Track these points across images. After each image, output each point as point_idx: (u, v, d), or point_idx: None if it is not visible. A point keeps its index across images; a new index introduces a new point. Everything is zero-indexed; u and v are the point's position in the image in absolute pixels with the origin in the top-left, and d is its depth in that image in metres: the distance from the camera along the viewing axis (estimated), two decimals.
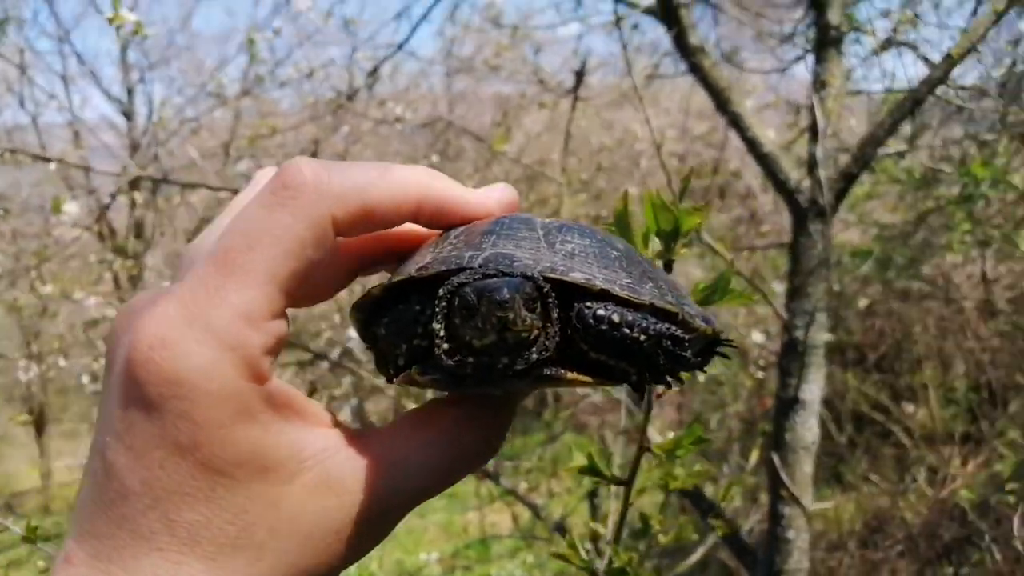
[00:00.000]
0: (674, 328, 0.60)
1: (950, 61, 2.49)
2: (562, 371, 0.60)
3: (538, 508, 3.65)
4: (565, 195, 3.70)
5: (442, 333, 0.59)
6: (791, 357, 2.83)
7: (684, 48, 2.74)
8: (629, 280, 0.63)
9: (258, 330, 0.55)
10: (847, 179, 2.61)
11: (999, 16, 2.44)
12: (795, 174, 2.74)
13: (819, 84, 2.76)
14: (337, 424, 0.61)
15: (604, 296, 0.60)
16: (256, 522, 0.55)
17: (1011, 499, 5.84)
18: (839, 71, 2.79)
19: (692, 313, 0.66)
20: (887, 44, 3.74)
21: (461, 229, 0.65)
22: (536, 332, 0.58)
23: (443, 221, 0.66)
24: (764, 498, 5.07)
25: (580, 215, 8.84)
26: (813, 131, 2.59)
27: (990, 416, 8.05)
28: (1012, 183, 4.77)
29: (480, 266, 0.59)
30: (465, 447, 0.62)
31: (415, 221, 0.64)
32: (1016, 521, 4.78)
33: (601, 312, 0.60)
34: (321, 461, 0.57)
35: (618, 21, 2.79)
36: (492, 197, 0.67)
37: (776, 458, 2.82)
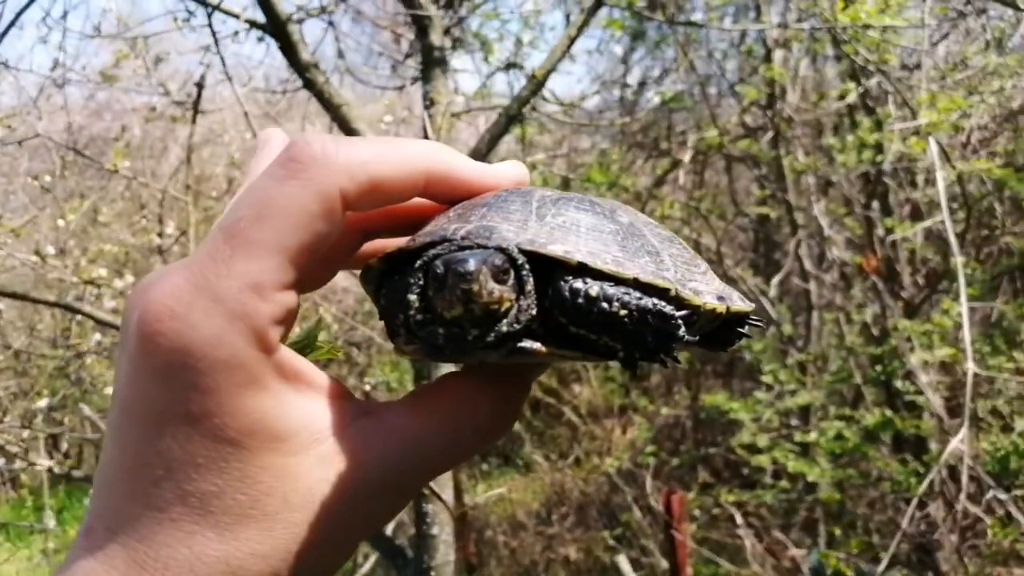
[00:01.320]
0: (661, 304, 0.59)
1: (535, 82, 2.78)
2: (536, 345, 0.59)
3: None
4: (192, 215, 3.52)
5: (416, 304, 0.58)
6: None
7: (296, 64, 2.75)
8: (620, 254, 0.61)
9: (266, 300, 0.54)
10: None
11: (572, 40, 2.77)
12: None
13: (428, 102, 2.92)
14: (349, 397, 0.60)
15: (583, 269, 0.59)
16: (269, 492, 0.54)
17: (650, 461, 6.66)
18: (445, 89, 2.97)
19: (699, 290, 0.64)
20: (509, 65, 4.09)
21: (464, 203, 0.65)
22: (508, 305, 0.57)
23: (451, 195, 0.66)
24: None
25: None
26: None
27: (640, 388, 9.02)
28: (624, 186, 5.47)
29: (462, 238, 0.59)
30: (478, 421, 0.61)
31: (424, 195, 0.64)
32: (648, 481, 5.49)
33: (577, 285, 0.59)
34: (334, 433, 0.57)
35: (215, 36, 2.72)
36: (500, 171, 0.67)
37: None
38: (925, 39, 4.05)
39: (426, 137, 2.74)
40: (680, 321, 0.59)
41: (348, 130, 2.78)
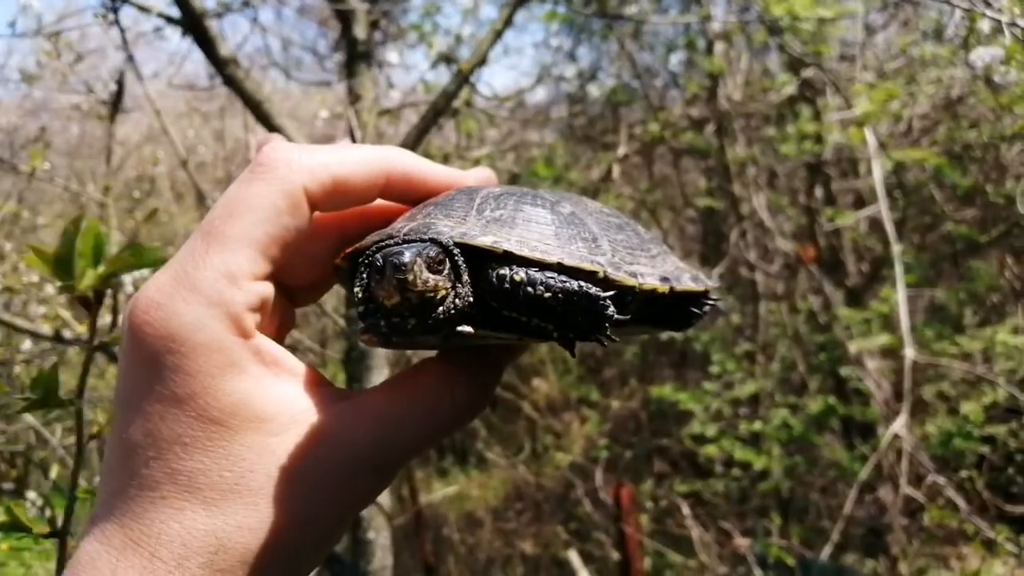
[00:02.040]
0: (588, 286, 0.61)
1: (461, 76, 2.73)
2: (468, 329, 0.62)
3: None
4: (112, 214, 3.42)
5: (360, 295, 0.62)
6: (351, 358, 2.90)
7: (214, 59, 2.66)
8: (551, 242, 0.64)
9: (240, 288, 0.59)
10: None
11: (498, 34, 2.73)
12: None
13: (353, 97, 2.85)
14: (327, 383, 0.63)
15: (509, 257, 0.62)
16: (253, 469, 0.58)
17: (603, 454, 6.67)
18: (371, 83, 2.91)
19: (636, 272, 0.66)
20: (446, 59, 4.03)
21: (421, 204, 0.69)
22: (443, 293, 0.61)
23: (413, 195, 0.70)
24: None
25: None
26: (352, 142, 2.67)
27: (596, 381, 9.04)
28: (570, 180, 5.45)
29: (405, 235, 0.63)
30: (449, 404, 0.63)
31: (386, 196, 0.68)
32: (599, 474, 5.49)
33: (503, 272, 0.62)
34: (312, 415, 0.60)
35: (122, 33, 2.62)
36: (460, 173, 0.71)
37: None
38: (860, 30, 4.08)
39: (352, 134, 2.68)
40: (608, 301, 0.61)
41: (270, 126, 2.71)
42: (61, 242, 0.80)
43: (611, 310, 0.61)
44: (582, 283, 0.62)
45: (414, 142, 2.66)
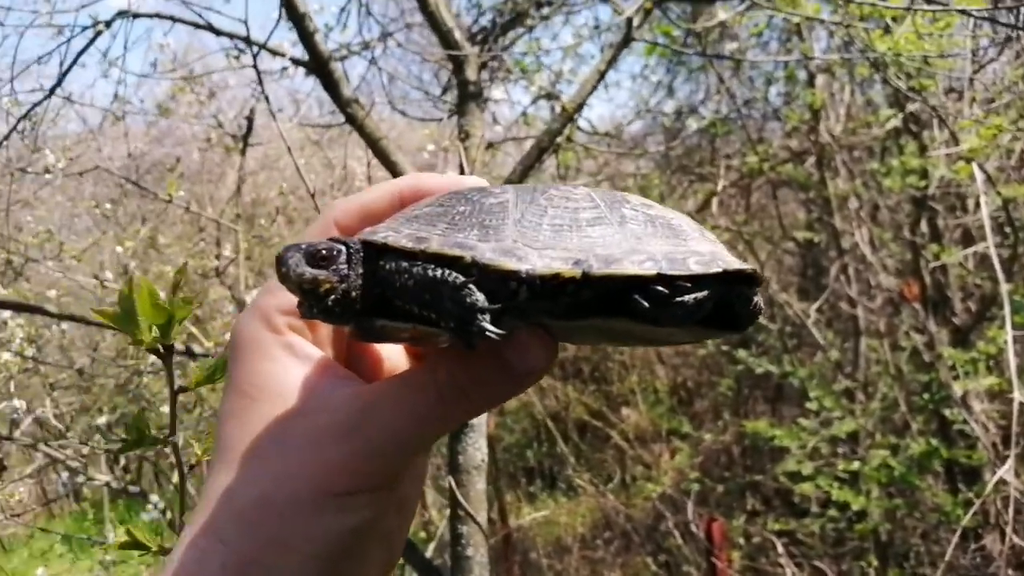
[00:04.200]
0: (450, 273, 0.62)
1: (566, 115, 2.86)
2: (375, 320, 0.67)
3: None
4: (243, 242, 3.68)
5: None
6: None
7: (338, 100, 2.88)
8: (429, 232, 0.66)
9: (273, 296, 0.73)
10: None
11: (602, 75, 2.85)
12: None
13: (463, 134, 3.02)
14: (340, 370, 0.73)
15: (387, 248, 0.66)
16: (269, 436, 0.68)
17: (694, 487, 6.61)
18: (480, 122, 3.07)
19: (524, 256, 0.63)
20: (545, 95, 4.18)
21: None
22: (327, 286, 0.66)
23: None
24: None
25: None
26: None
27: (687, 413, 8.94)
28: None
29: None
30: (431, 384, 0.67)
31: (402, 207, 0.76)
32: (690, 507, 5.45)
33: (383, 261, 0.66)
34: (316, 392, 0.69)
35: (259, 75, 2.87)
36: (456, 179, 0.77)
37: (452, 480, 2.99)
38: (967, 64, 4.02)
39: (462, 168, 2.84)
40: (470, 289, 0.61)
41: (387, 162, 2.90)
42: (119, 303, 0.91)
43: (474, 297, 0.61)
44: (446, 270, 0.62)
45: (519, 178, 2.80)
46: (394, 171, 2.87)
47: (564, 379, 9.67)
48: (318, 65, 2.85)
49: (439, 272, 0.62)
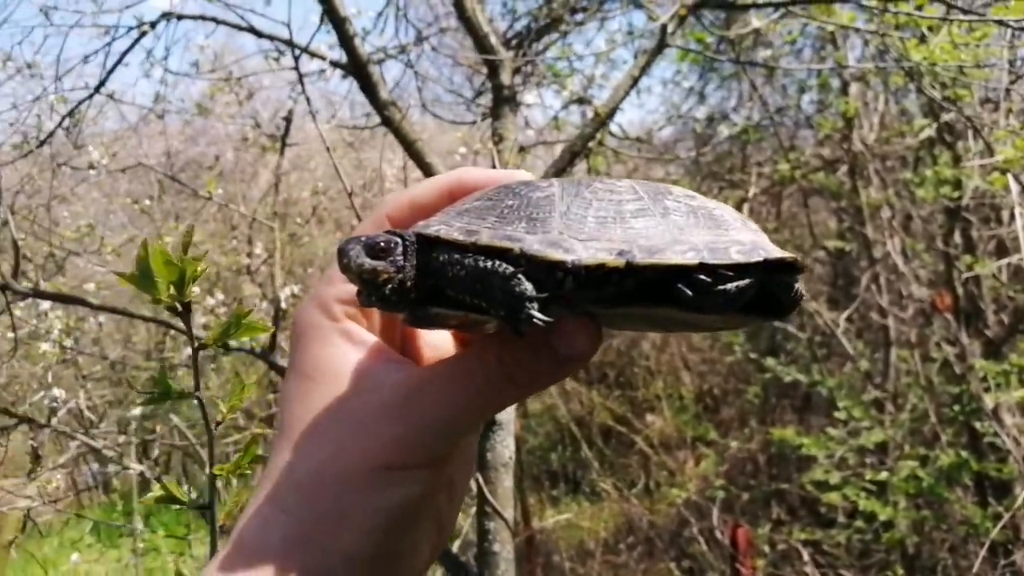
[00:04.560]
0: (498, 264, 0.65)
1: (598, 120, 2.89)
2: (428, 307, 0.71)
3: None
4: (280, 240, 3.75)
5: None
6: None
7: (375, 102, 2.93)
8: (479, 225, 0.68)
9: (332, 286, 0.76)
10: None
11: (635, 80, 2.87)
12: None
13: (497, 138, 3.06)
14: (392, 355, 0.77)
15: (439, 241, 0.69)
16: (327, 414, 0.72)
17: (719, 494, 6.59)
18: (513, 126, 3.11)
19: (570, 248, 0.66)
20: (577, 100, 4.21)
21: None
22: (385, 276, 0.68)
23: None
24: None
25: (333, 252, 8.85)
26: None
27: (712, 421, 8.90)
28: None
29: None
30: (478, 367, 0.70)
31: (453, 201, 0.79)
32: (715, 513, 5.44)
33: (435, 254, 0.69)
34: (382, 380, 0.72)
35: (301, 77, 2.93)
36: (501, 173, 0.79)
37: (480, 477, 3.03)
38: (1004, 75, 3.99)
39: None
40: (519, 279, 0.64)
41: (422, 164, 2.94)
42: (137, 265, 0.97)
43: (522, 287, 0.63)
44: (496, 261, 0.65)
45: None
46: (428, 173, 2.92)
47: (589, 384, 9.67)
48: (357, 68, 2.90)
49: (489, 263, 0.66)
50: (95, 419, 5.19)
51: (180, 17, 3.16)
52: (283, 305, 3.46)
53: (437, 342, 0.84)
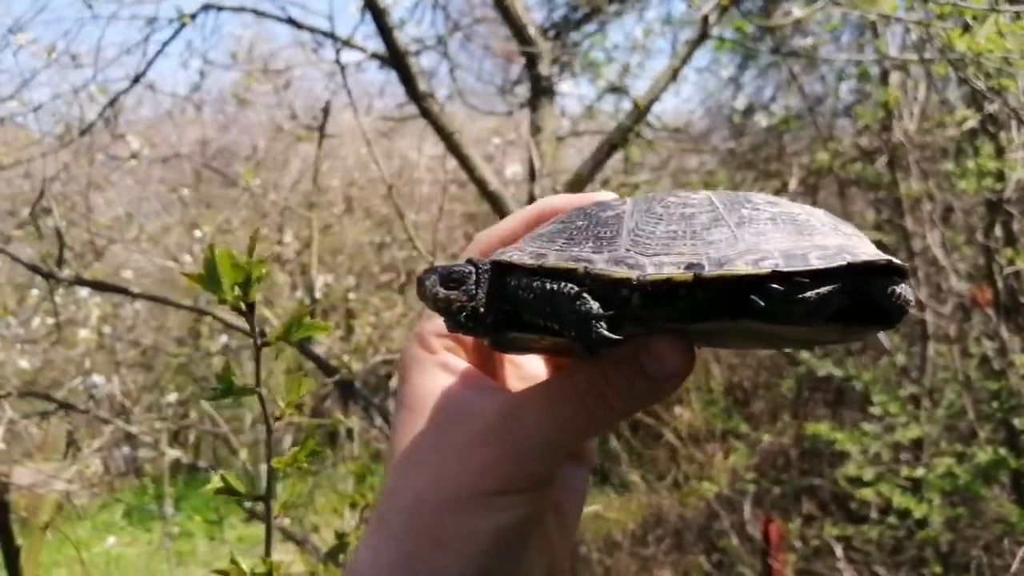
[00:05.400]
0: (565, 285, 0.66)
1: (638, 111, 2.86)
2: (508, 332, 0.72)
3: (303, 540, 3.66)
4: (315, 229, 3.77)
5: None
6: None
7: (413, 94, 2.93)
8: (552, 250, 0.70)
9: (430, 321, 0.80)
10: None
11: (675, 73, 2.84)
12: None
13: (535, 129, 3.04)
14: (486, 382, 0.80)
15: (511, 266, 0.71)
16: (427, 442, 0.75)
17: (750, 488, 6.54)
18: (551, 117, 3.09)
19: (638, 264, 0.65)
20: (612, 89, 4.17)
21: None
22: (459, 304, 0.71)
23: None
24: None
25: (363, 241, 8.90)
26: (531, 171, 2.88)
27: (743, 414, 8.83)
28: None
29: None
30: (571, 391, 0.71)
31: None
32: (747, 508, 5.41)
33: (509, 279, 0.71)
34: (478, 407, 0.74)
35: (343, 69, 2.93)
36: (583, 196, 0.81)
37: None
38: None
39: (531, 163, 2.86)
40: (585, 298, 0.64)
41: (459, 155, 2.94)
42: (204, 267, 1.00)
43: (588, 306, 0.64)
44: (563, 283, 0.66)
45: (590, 172, 2.82)
46: (466, 164, 2.91)
47: None
48: (396, 59, 2.90)
49: (556, 285, 0.66)
50: (128, 404, 5.27)
51: (220, 8, 3.17)
52: (317, 295, 3.48)
53: (529, 373, 0.86)
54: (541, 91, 3.09)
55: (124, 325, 6.50)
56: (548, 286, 0.67)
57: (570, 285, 0.66)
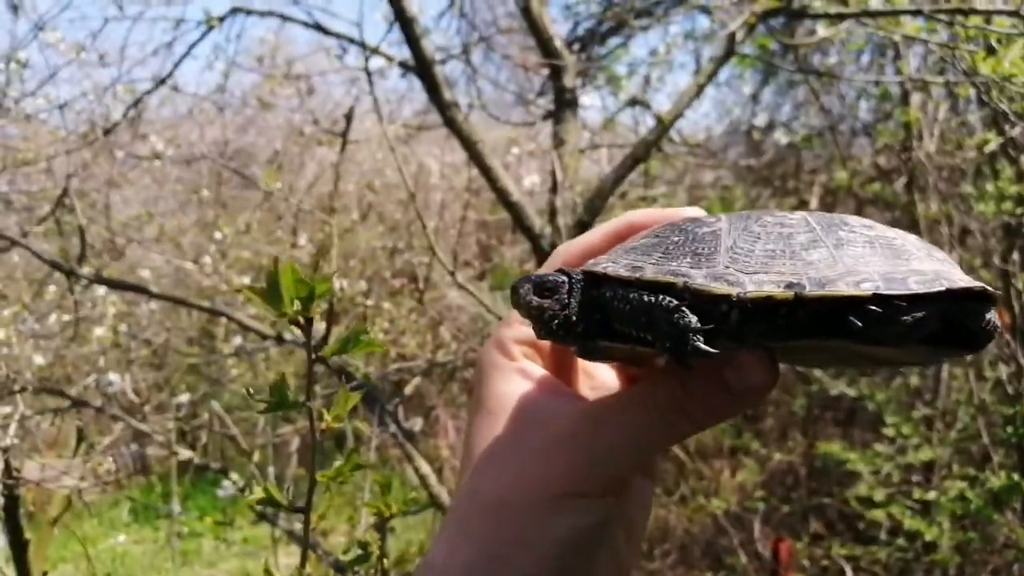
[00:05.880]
0: (663, 298, 0.67)
1: (662, 126, 2.87)
2: (597, 341, 0.73)
3: (316, 546, 3.66)
4: (335, 234, 3.80)
5: None
6: None
7: (438, 103, 2.94)
8: (649, 263, 0.70)
9: (509, 328, 0.82)
10: (581, 226, 2.93)
11: (700, 88, 2.84)
12: (539, 221, 3.03)
13: (558, 141, 3.05)
14: (563, 388, 0.81)
15: (606, 277, 0.72)
16: (507, 444, 0.76)
17: (759, 506, 6.51)
18: (575, 129, 3.09)
19: (738, 281, 0.66)
20: (633, 102, 4.18)
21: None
22: (550, 313, 0.72)
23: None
24: None
25: (376, 246, 8.92)
26: (553, 183, 2.89)
27: (753, 430, 8.80)
28: None
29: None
30: (649, 402, 0.72)
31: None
32: (756, 525, 5.38)
33: (603, 290, 0.72)
34: (557, 412, 0.76)
35: (370, 77, 2.94)
36: (669, 211, 0.82)
37: None
38: None
39: (554, 175, 2.87)
40: (683, 311, 0.65)
41: (482, 165, 2.95)
42: (266, 281, 1.00)
43: (687, 319, 0.65)
44: (662, 295, 0.67)
45: (611, 186, 2.82)
46: (488, 174, 2.92)
47: None
48: (422, 68, 2.92)
49: (654, 297, 0.67)
50: (138, 401, 5.29)
51: (248, 12, 3.20)
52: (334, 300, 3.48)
53: (601, 383, 0.87)
54: (565, 103, 3.10)
55: (139, 324, 6.53)
56: (645, 298, 0.68)
57: (667, 298, 0.67)
